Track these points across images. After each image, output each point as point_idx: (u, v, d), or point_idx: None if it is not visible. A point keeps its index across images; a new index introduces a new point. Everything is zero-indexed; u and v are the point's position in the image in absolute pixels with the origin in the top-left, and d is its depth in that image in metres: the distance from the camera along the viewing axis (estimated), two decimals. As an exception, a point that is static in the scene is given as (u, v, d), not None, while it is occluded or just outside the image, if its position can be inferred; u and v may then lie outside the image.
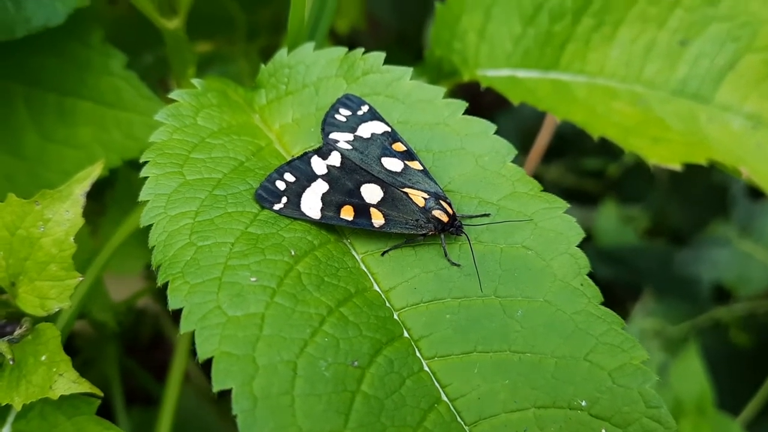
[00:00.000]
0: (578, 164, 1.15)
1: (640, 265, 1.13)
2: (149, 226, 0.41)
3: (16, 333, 0.46)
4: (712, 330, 1.09)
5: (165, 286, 0.38)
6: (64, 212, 0.49)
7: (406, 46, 1.19)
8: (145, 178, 0.42)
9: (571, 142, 1.17)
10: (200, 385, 0.88)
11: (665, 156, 0.59)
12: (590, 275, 0.41)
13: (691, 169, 1.20)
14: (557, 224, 0.42)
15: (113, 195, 0.76)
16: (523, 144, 1.02)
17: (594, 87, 0.67)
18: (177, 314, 0.90)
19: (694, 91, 0.68)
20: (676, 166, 0.58)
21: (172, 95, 0.46)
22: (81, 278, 0.48)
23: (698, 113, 0.68)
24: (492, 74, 0.65)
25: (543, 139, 0.91)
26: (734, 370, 1.04)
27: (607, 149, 1.16)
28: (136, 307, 0.86)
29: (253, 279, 0.38)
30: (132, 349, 0.99)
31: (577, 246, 0.42)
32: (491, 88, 0.61)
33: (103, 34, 0.63)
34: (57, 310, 0.48)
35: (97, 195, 0.73)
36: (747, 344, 1.06)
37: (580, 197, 1.15)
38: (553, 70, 0.67)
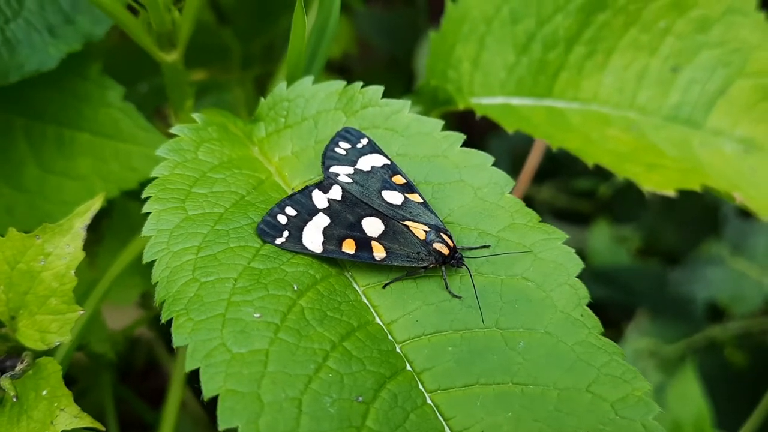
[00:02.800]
0: (570, 185, 1.16)
1: (634, 285, 1.13)
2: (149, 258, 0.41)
3: (17, 368, 0.46)
4: (707, 349, 1.09)
5: (163, 316, 0.38)
6: (65, 246, 0.49)
7: (396, 70, 1.20)
8: (147, 212, 0.42)
9: (562, 163, 1.18)
10: (195, 412, 0.88)
11: (660, 182, 0.60)
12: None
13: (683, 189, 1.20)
14: (556, 255, 0.43)
15: (110, 225, 0.76)
16: (514, 165, 1.03)
17: (588, 114, 0.68)
18: (172, 341, 0.89)
19: (686, 117, 0.69)
20: (671, 193, 0.59)
21: (172, 130, 0.46)
22: (82, 312, 0.48)
23: (691, 138, 0.69)
24: (486, 102, 0.66)
25: (533, 160, 0.91)
26: (730, 389, 1.04)
27: (599, 170, 1.17)
28: (131, 335, 0.86)
29: (256, 315, 0.38)
30: (126, 376, 0.98)
31: (576, 276, 0.42)
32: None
33: (101, 66, 0.64)
34: (58, 344, 0.48)
35: (94, 224, 0.73)
36: (742, 363, 1.06)
37: (572, 218, 1.15)
38: (548, 97, 0.67)
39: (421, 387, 0.39)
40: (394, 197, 0.44)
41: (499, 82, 0.66)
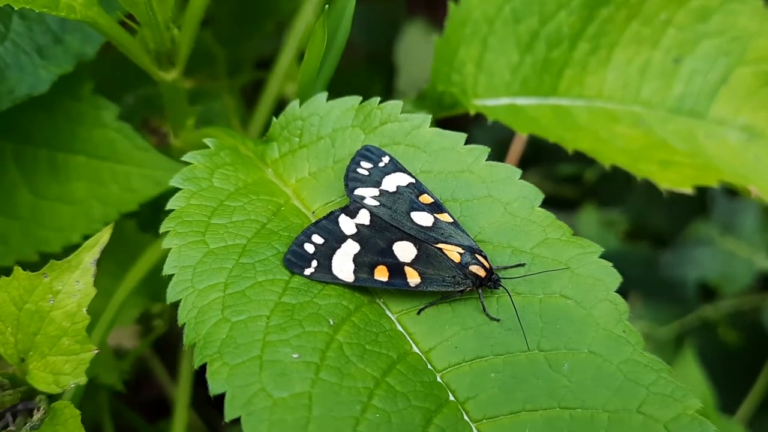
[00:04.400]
0: (554, 171, 1.16)
1: (624, 269, 1.13)
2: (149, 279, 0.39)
3: (35, 417, 0.44)
4: (700, 329, 1.10)
5: (196, 362, 0.36)
6: (74, 283, 0.47)
7: (376, 64, 1.18)
8: (167, 248, 0.40)
9: (545, 150, 1.17)
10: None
11: (676, 180, 0.59)
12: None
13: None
14: (594, 270, 0.41)
15: (105, 246, 0.73)
16: (498, 154, 1.02)
17: (594, 110, 0.67)
18: (165, 353, 0.87)
19: (690, 108, 0.69)
20: (688, 190, 0.58)
21: (186, 158, 0.44)
22: (96, 351, 0.46)
23: (696, 130, 0.69)
24: (491, 104, 0.64)
25: (517, 148, 0.90)
26: (726, 368, 1.05)
27: (583, 155, 1.16)
28: (123, 349, 0.84)
29: (295, 355, 0.36)
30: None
31: (615, 291, 0.41)
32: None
33: (93, 85, 0.61)
34: (73, 386, 0.46)
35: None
36: (736, 341, 1.07)
37: (558, 204, 1.15)
38: (553, 96, 0.66)
39: (466, 418, 0.38)
40: (423, 218, 0.43)
41: (503, 83, 0.65)
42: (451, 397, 0.38)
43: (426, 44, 1.07)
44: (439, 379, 0.39)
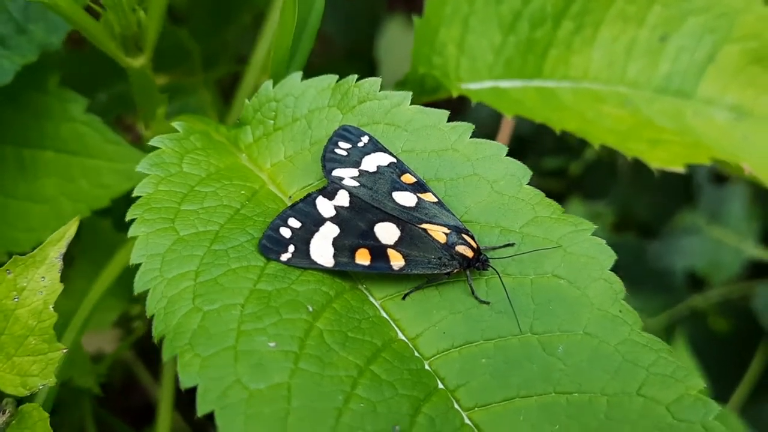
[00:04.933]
0: (539, 165, 1.14)
1: (612, 260, 1.12)
2: (126, 271, 0.37)
3: (0, 421, 0.41)
4: (690, 319, 1.08)
5: (165, 354, 0.34)
6: (40, 279, 0.44)
7: (357, 60, 1.16)
8: (134, 236, 0.38)
9: (529, 143, 1.15)
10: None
11: (666, 159, 0.57)
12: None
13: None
14: (587, 248, 0.39)
15: (80, 246, 0.71)
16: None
17: (580, 91, 0.65)
18: (150, 358, 0.85)
19: (677, 87, 0.67)
20: (680, 169, 0.56)
21: (152, 142, 0.42)
22: (65, 350, 0.44)
23: (684, 109, 0.67)
24: (475, 87, 0.62)
25: (501, 142, 0.88)
26: (716, 357, 1.04)
27: (567, 147, 1.15)
28: (105, 354, 0.81)
29: (271, 344, 0.34)
30: (104, 397, 0.93)
31: (610, 270, 0.39)
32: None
33: (59, 78, 0.59)
34: (41, 387, 0.43)
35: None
36: (726, 329, 1.06)
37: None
38: (537, 78, 0.64)
39: (456, 406, 0.35)
40: (406, 198, 0.40)
41: (486, 66, 0.63)
42: (440, 385, 0.36)
43: (407, 39, 1.05)
44: (427, 367, 0.36)
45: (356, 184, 0.41)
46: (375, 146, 0.42)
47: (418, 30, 0.59)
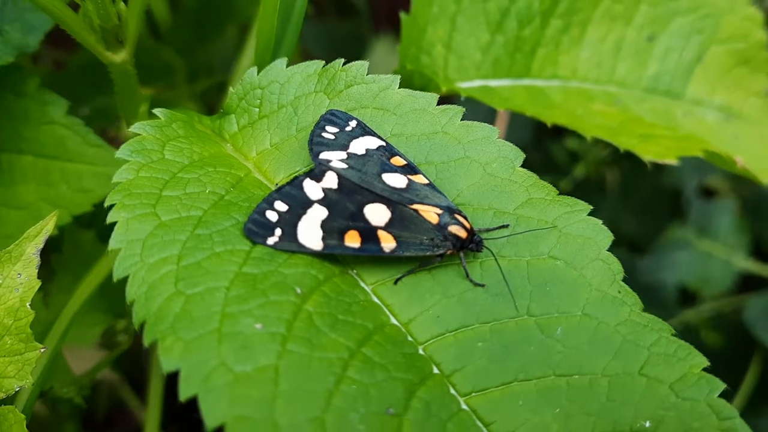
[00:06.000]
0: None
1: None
2: (110, 284, 0.35)
3: (-29, 423, 0.39)
4: (682, 333, 1.07)
5: (146, 339, 0.32)
6: (16, 275, 0.43)
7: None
8: (113, 222, 0.36)
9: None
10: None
11: (659, 152, 0.56)
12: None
13: (640, 175, 1.18)
14: (583, 228, 0.38)
15: (61, 259, 0.69)
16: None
17: (569, 90, 0.64)
18: (139, 383, 0.82)
19: (666, 88, 0.67)
20: (673, 161, 0.55)
21: (133, 128, 0.40)
22: (43, 349, 0.42)
23: (673, 109, 0.66)
24: (464, 86, 0.61)
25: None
26: (711, 371, 1.02)
27: (556, 166, 1.14)
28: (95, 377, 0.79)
29: (258, 326, 0.32)
30: (88, 423, 0.90)
31: (607, 250, 0.38)
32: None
33: (39, 81, 0.57)
34: (18, 389, 0.42)
35: (44, 260, 0.67)
36: (719, 343, 1.04)
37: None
38: (526, 77, 0.64)
39: (453, 391, 0.34)
40: (396, 180, 0.39)
41: (474, 65, 0.62)
42: (436, 370, 0.34)
43: (393, 60, 1.05)
44: (421, 351, 0.35)
45: (345, 166, 0.39)
46: (363, 130, 0.41)
47: (405, 28, 0.58)
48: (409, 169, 0.40)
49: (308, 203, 0.38)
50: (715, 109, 0.68)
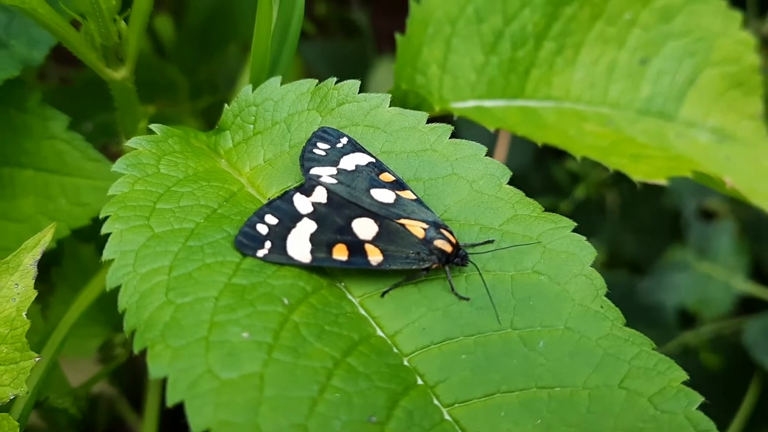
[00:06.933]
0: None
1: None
2: (110, 294, 0.36)
3: (-34, 430, 0.40)
4: (681, 355, 1.07)
5: (136, 346, 0.33)
6: (13, 285, 0.44)
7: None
8: (107, 233, 0.37)
9: (518, 183, 1.16)
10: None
11: (649, 172, 0.57)
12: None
13: (640, 197, 1.18)
14: (567, 245, 0.39)
15: (60, 272, 0.70)
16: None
17: (562, 111, 0.65)
18: (138, 399, 0.83)
19: (659, 110, 0.67)
20: (662, 181, 0.56)
21: (129, 143, 0.42)
22: (38, 358, 0.43)
23: (666, 131, 0.67)
24: (458, 106, 0.62)
25: (498, 158, 0.89)
26: (710, 394, 1.02)
27: (556, 187, 1.15)
28: (90, 392, 0.79)
29: (245, 335, 0.33)
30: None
31: (590, 266, 0.39)
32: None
33: (41, 96, 0.58)
34: (12, 398, 0.42)
35: (43, 273, 0.68)
36: (718, 366, 1.04)
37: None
38: (520, 97, 0.65)
39: (436, 402, 0.35)
40: (384, 195, 0.40)
41: (469, 85, 0.63)
42: (420, 381, 0.35)
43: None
44: (406, 363, 0.36)
45: (334, 181, 0.40)
46: (354, 147, 0.42)
47: (400, 48, 0.60)
48: (397, 185, 0.41)
49: (298, 217, 0.39)
50: (708, 130, 0.69)
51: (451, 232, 0.39)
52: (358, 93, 0.44)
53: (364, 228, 0.39)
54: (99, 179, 0.58)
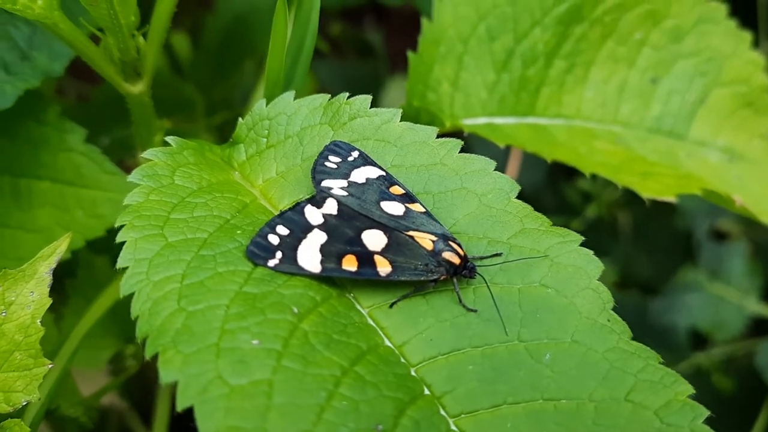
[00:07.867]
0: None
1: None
2: (122, 306, 0.37)
3: (-21, 435, 0.41)
4: (693, 377, 1.06)
5: (147, 352, 0.34)
6: (29, 293, 0.44)
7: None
8: (122, 241, 0.38)
9: (530, 202, 1.16)
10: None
11: (658, 190, 0.57)
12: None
13: (652, 217, 1.18)
14: (574, 258, 0.39)
15: (75, 283, 0.71)
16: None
17: (573, 129, 0.66)
18: (148, 414, 0.83)
19: (669, 129, 0.68)
20: (672, 198, 0.57)
21: (145, 154, 0.42)
22: (51, 365, 0.43)
23: (676, 150, 0.68)
24: (469, 123, 0.63)
25: (510, 174, 0.89)
26: (721, 416, 1.01)
27: (568, 207, 1.15)
28: (101, 405, 0.80)
29: (255, 342, 0.33)
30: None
31: (597, 279, 0.39)
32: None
33: (59, 109, 0.60)
34: (25, 404, 0.43)
35: (58, 284, 0.69)
36: (730, 388, 1.04)
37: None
38: (531, 115, 0.65)
39: (443, 412, 0.35)
40: (394, 208, 0.41)
41: (480, 102, 0.64)
42: (427, 391, 0.35)
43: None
44: (413, 373, 0.36)
45: (345, 193, 0.41)
46: (365, 160, 0.43)
47: (412, 66, 0.61)
48: (407, 197, 0.41)
49: (309, 228, 0.40)
50: (719, 150, 0.69)
51: (459, 245, 0.39)
52: (370, 108, 0.44)
53: (374, 239, 0.39)
54: (115, 191, 0.59)
